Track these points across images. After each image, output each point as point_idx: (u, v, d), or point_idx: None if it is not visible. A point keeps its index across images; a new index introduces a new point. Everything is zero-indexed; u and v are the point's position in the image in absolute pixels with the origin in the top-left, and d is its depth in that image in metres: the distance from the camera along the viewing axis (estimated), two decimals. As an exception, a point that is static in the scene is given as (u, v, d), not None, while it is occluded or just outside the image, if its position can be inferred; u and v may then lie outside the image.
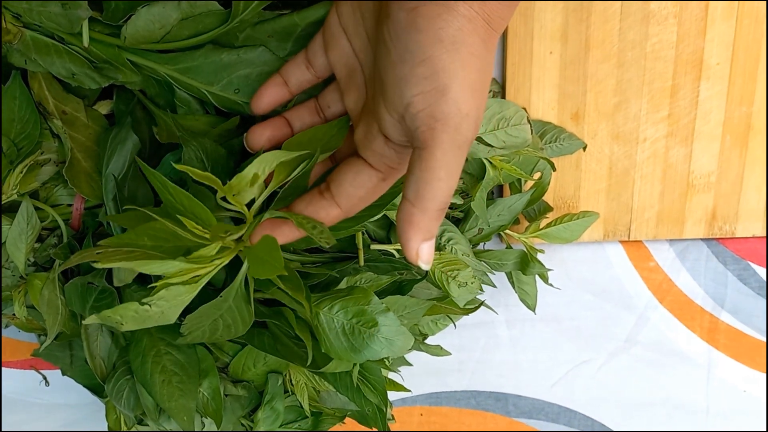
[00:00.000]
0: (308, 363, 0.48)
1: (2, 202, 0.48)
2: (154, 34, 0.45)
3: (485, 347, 0.70)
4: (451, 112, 0.35)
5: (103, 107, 0.53)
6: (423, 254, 0.38)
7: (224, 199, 0.41)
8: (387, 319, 0.48)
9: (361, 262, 0.51)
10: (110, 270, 0.48)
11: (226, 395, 0.52)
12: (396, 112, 0.37)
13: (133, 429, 0.55)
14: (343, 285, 0.50)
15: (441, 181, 0.36)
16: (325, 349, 0.48)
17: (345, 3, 0.42)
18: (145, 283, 0.49)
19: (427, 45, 0.35)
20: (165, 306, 0.40)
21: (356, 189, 0.42)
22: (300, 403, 0.54)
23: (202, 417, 0.51)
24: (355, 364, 0.52)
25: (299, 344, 0.50)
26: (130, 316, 0.39)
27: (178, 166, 0.40)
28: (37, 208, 0.50)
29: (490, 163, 0.53)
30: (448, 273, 0.54)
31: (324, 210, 0.42)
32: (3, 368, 0.68)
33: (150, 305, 0.39)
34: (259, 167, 0.41)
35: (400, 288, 0.53)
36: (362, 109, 0.42)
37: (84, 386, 0.59)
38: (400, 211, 0.38)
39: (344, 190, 0.42)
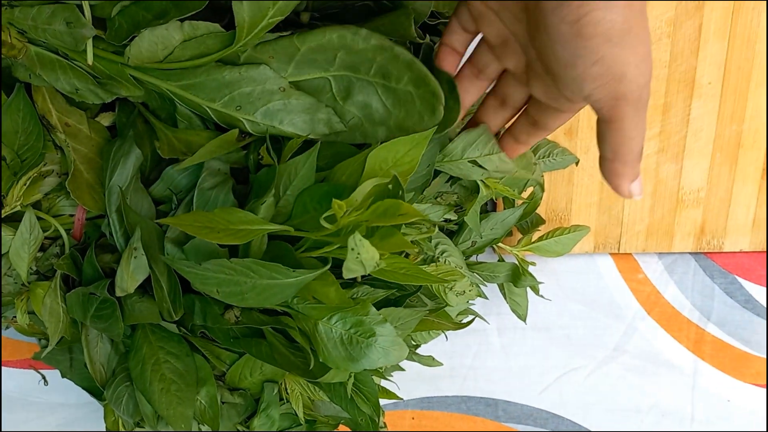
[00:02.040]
0: (310, 369, 0.49)
1: (6, 213, 0.49)
2: (157, 54, 0.46)
3: (477, 354, 0.72)
4: (631, 89, 0.38)
5: (106, 119, 0.53)
6: (635, 191, 0.42)
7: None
8: (384, 330, 0.49)
9: (359, 278, 0.52)
10: (112, 281, 0.50)
11: (223, 403, 0.54)
12: (577, 97, 0.39)
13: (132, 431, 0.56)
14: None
15: (634, 140, 0.40)
16: (323, 358, 0.49)
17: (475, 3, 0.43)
18: (146, 293, 0.50)
19: (597, 47, 0.36)
20: None
21: (559, 122, 0.46)
22: (295, 411, 0.55)
23: (199, 424, 0.52)
24: (350, 376, 0.53)
25: (296, 354, 0.51)
26: None
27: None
28: (39, 219, 0.51)
29: (484, 183, 0.54)
30: (445, 284, 0.56)
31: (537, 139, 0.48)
32: (4, 368, 0.69)
33: None
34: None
35: (395, 301, 0.54)
36: (527, 69, 0.44)
37: (83, 389, 0.60)
38: (603, 166, 0.42)
39: (551, 126, 0.46)
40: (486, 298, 0.63)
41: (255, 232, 0.44)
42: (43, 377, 0.69)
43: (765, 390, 0.72)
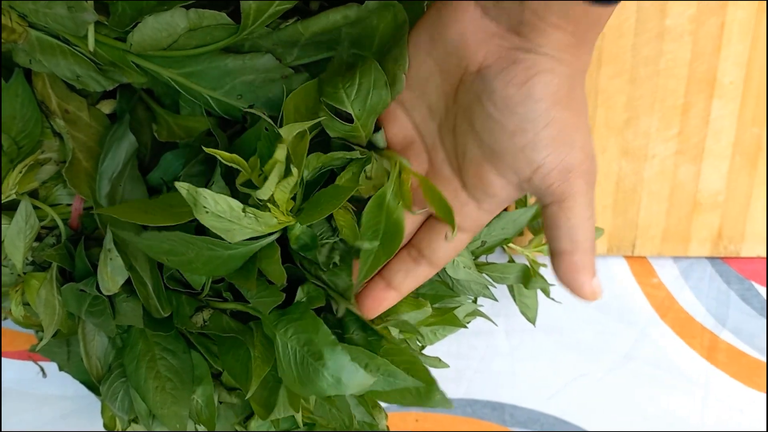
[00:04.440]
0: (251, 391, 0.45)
1: (2, 201, 0.48)
2: (160, 42, 0.44)
3: (484, 356, 0.70)
4: (581, 158, 0.37)
5: (106, 106, 0.52)
6: (598, 289, 0.40)
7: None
8: (334, 353, 0.43)
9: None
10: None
11: (220, 402, 0.52)
12: (518, 176, 0.38)
13: (129, 429, 0.55)
14: (300, 297, 0.46)
15: (589, 220, 0.38)
16: (281, 373, 0.44)
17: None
18: (133, 292, 0.48)
19: (548, 110, 0.36)
20: None
21: (450, 251, 0.44)
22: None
23: (195, 424, 0.51)
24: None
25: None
26: None
27: (207, 150, 0.38)
28: (36, 207, 0.50)
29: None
30: None
31: (423, 275, 0.45)
32: (1, 358, 0.68)
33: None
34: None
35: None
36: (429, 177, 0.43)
37: (80, 382, 0.58)
38: (561, 266, 0.39)
39: (440, 255, 0.44)
40: (495, 299, 0.61)
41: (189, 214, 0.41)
42: (42, 369, 0.68)
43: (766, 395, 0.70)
